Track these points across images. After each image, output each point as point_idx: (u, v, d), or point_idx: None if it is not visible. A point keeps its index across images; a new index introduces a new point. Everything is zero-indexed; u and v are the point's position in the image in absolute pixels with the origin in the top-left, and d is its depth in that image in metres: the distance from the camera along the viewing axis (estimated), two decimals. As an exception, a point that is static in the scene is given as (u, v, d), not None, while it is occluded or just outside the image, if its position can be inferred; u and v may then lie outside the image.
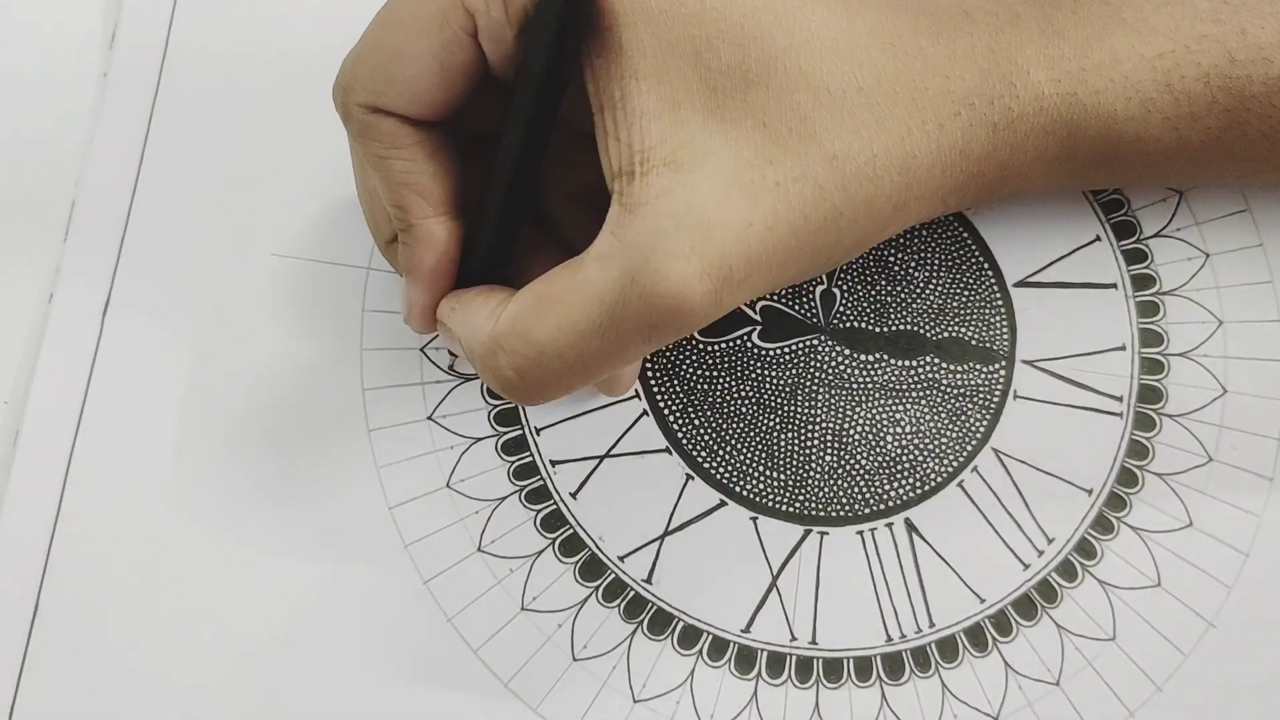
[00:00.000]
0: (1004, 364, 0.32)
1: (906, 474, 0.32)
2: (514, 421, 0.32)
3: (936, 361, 0.32)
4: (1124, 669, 0.30)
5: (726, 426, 0.32)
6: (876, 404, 0.32)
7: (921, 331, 0.32)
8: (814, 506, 0.31)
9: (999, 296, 0.33)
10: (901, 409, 0.32)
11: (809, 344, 0.32)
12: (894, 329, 0.32)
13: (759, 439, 0.32)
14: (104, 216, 0.33)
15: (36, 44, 0.35)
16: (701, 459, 0.32)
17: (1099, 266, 0.33)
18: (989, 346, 0.32)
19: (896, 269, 0.33)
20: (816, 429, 0.32)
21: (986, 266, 0.33)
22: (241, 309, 0.33)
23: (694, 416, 0.32)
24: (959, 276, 0.33)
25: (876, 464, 0.32)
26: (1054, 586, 0.31)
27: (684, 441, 0.32)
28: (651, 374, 0.32)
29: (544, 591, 0.31)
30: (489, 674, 0.30)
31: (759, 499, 0.31)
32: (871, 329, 0.32)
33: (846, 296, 0.33)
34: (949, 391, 0.32)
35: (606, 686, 0.30)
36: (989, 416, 0.32)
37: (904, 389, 0.32)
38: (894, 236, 0.33)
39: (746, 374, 0.32)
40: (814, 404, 0.32)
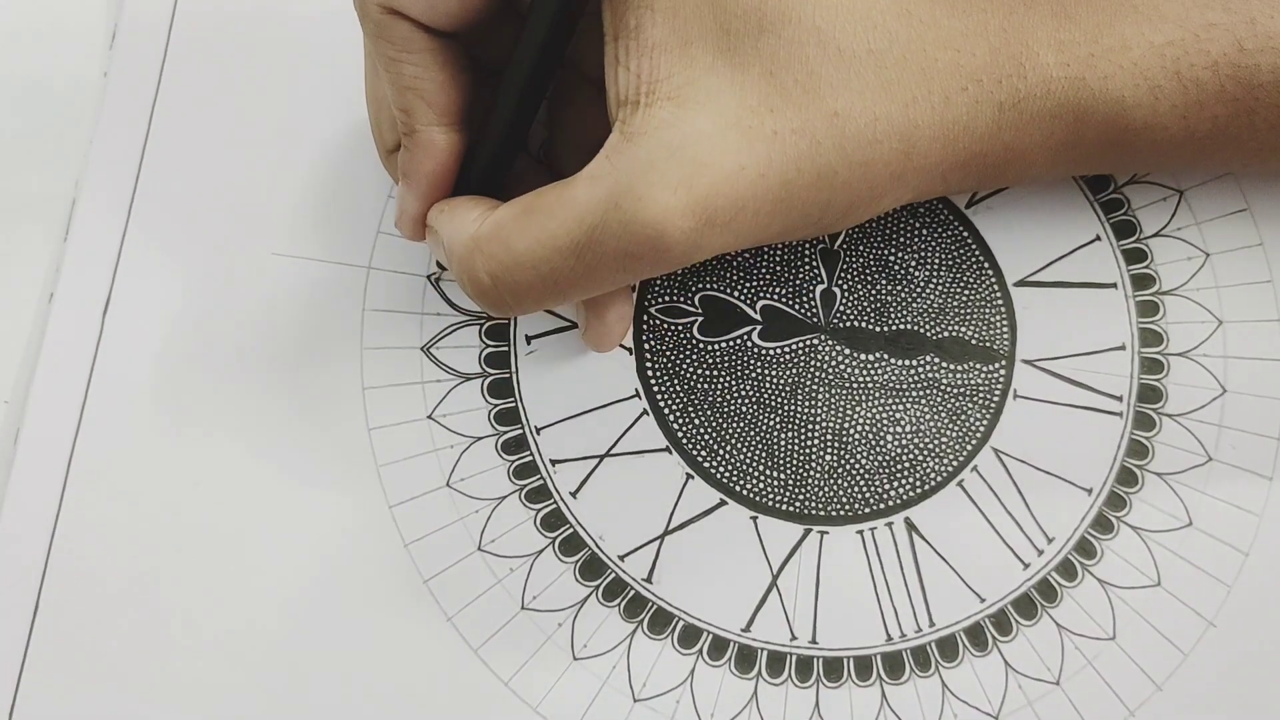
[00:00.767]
0: (1004, 363, 0.32)
1: (906, 473, 0.32)
2: (514, 421, 0.32)
3: (937, 361, 0.32)
4: (1124, 668, 0.30)
5: (727, 426, 0.32)
6: (877, 403, 0.32)
7: (922, 331, 0.32)
8: (814, 506, 0.31)
9: (999, 296, 0.33)
10: (902, 408, 0.32)
11: (809, 343, 0.32)
12: (894, 328, 0.32)
13: (759, 438, 0.32)
14: (104, 216, 0.33)
15: (38, 43, 0.35)
16: (701, 458, 0.32)
17: (1099, 266, 0.33)
18: (989, 346, 0.32)
19: (897, 268, 0.33)
20: (816, 428, 0.32)
21: (987, 266, 0.33)
22: (241, 308, 0.33)
23: (694, 416, 0.32)
24: (959, 276, 0.33)
25: (876, 463, 0.32)
26: (1054, 586, 0.31)
27: (684, 441, 0.32)
28: (652, 373, 0.32)
29: (544, 591, 0.31)
30: (489, 673, 0.30)
31: (759, 498, 0.31)
32: (872, 328, 0.32)
33: (847, 296, 0.33)
34: (949, 391, 0.32)
35: (607, 685, 0.30)
36: (989, 416, 0.32)
37: (904, 388, 0.32)
38: (894, 236, 0.33)
39: (747, 373, 0.32)
40: (814, 403, 0.32)
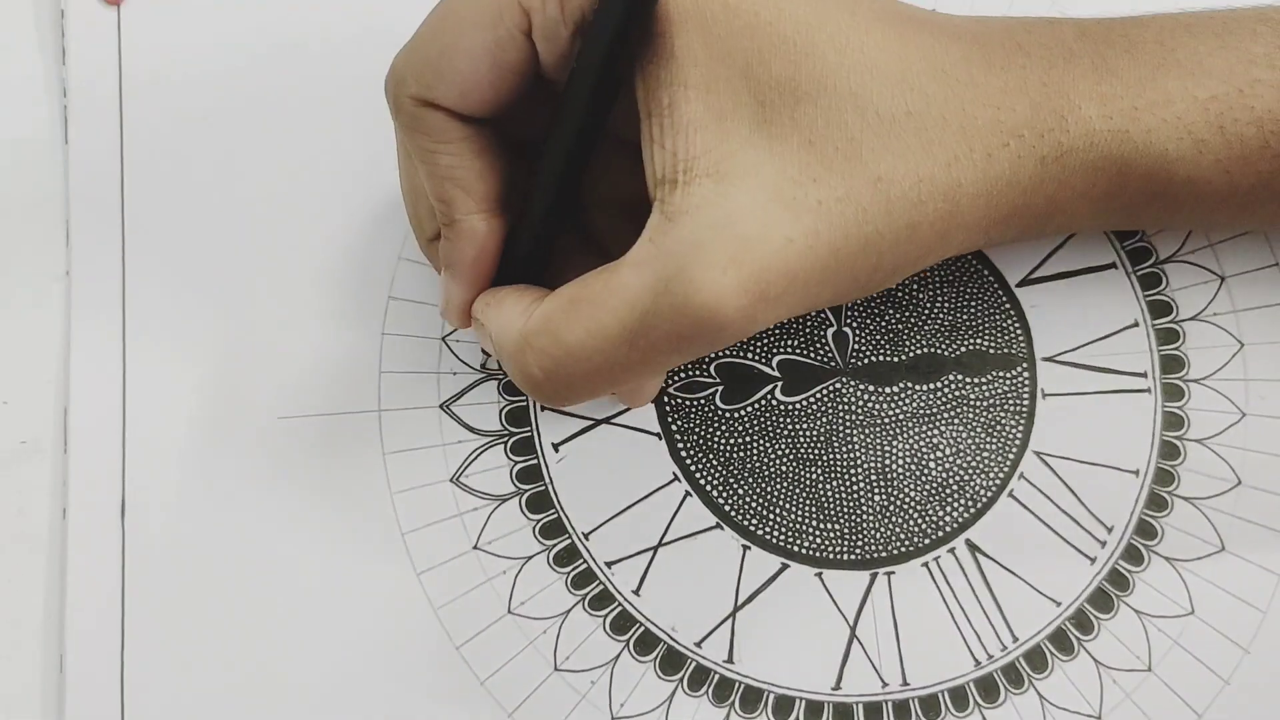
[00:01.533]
0: (1025, 365, 0.32)
1: (956, 496, 0.32)
2: (560, 532, 0.32)
3: (960, 378, 0.32)
4: (1210, 640, 0.30)
5: (771, 489, 0.32)
6: (912, 433, 0.32)
7: (939, 352, 0.32)
8: (874, 549, 0.31)
9: (1005, 300, 0.33)
10: (937, 432, 0.32)
11: (832, 389, 0.32)
12: (912, 355, 0.32)
13: (805, 494, 0.32)
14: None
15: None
16: (754, 527, 0.31)
17: (1095, 249, 0.33)
18: (1007, 352, 0.32)
19: (901, 296, 0.33)
20: (859, 471, 0.32)
21: (986, 272, 0.33)
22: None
23: (737, 486, 0.32)
24: (962, 289, 0.33)
25: (925, 493, 0.32)
26: (1123, 574, 0.31)
27: (733, 513, 0.32)
28: (686, 453, 0.32)
29: (631, 694, 0.31)
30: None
31: (819, 553, 0.31)
32: (890, 360, 0.32)
33: (859, 333, 0.32)
34: (979, 405, 0.32)
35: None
36: (1023, 421, 0.32)
37: (935, 412, 0.32)
38: (889, 261, 0.33)
39: (779, 432, 0.32)
40: (851, 447, 0.32)
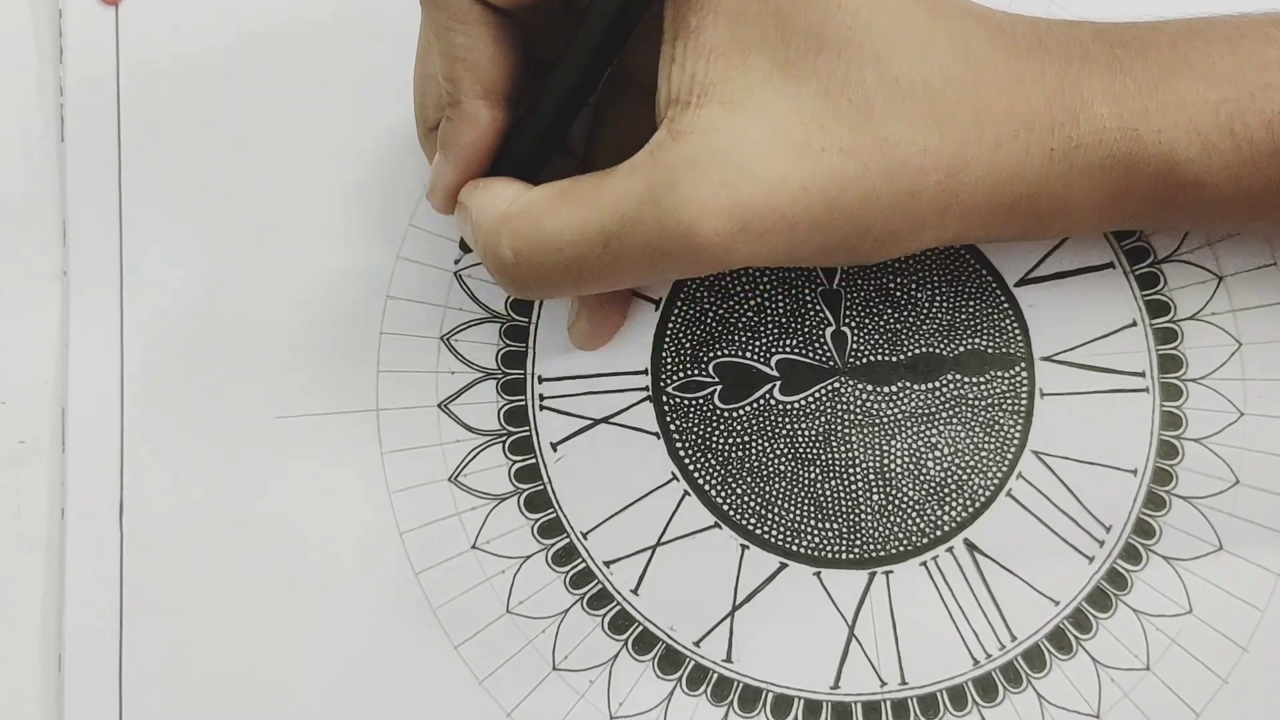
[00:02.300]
0: (1024, 365, 0.32)
1: (955, 495, 0.32)
2: (558, 531, 0.32)
3: (959, 377, 0.32)
4: (1208, 639, 0.30)
5: (770, 489, 0.32)
6: (911, 433, 0.32)
7: (938, 351, 0.32)
8: (872, 548, 0.31)
9: (1004, 299, 0.33)
10: (936, 432, 0.32)
11: (831, 388, 0.32)
12: (910, 355, 0.32)
13: (804, 494, 0.32)
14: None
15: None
16: (752, 526, 0.32)
17: (1093, 249, 0.33)
18: (1006, 351, 0.32)
19: (899, 295, 0.33)
20: (858, 471, 0.32)
21: (985, 272, 0.33)
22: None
23: (736, 486, 0.32)
24: (961, 288, 0.33)
25: (924, 492, 0.32)
26: (1121, 573, 0.31)
27: (731, 513, 0.32)
28: (684, 453, 0.32)
29: (630, 693, 0.31)
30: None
31: (818, 553, 0.31)
32: (889, 359, 0.32)
33: (857, 333, 0.32)
34: (978, 405, 0.32)
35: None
36: (1022, 420, 0.32)
37: (934, 412, 0.32)
38: (890, 262, 0.33)
39: (777, 432, 0.32)
40: (850, 446, 0.32)
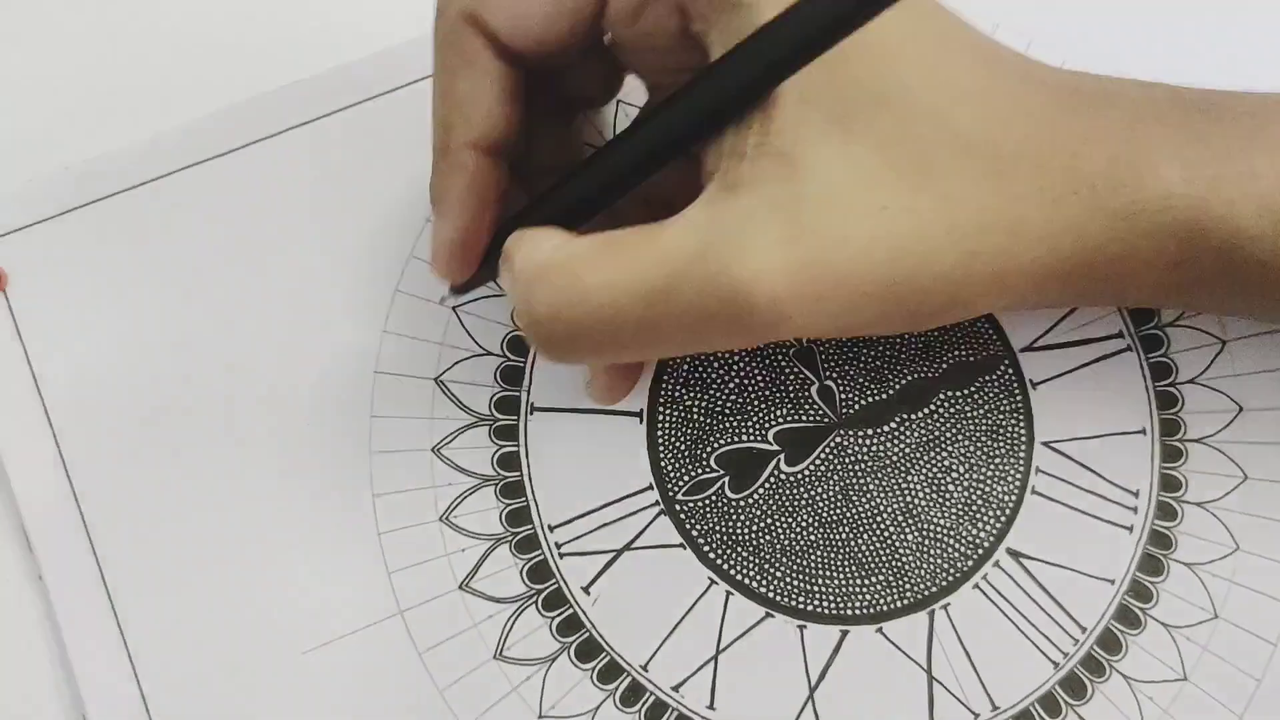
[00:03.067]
0: (1007, 362, 0.32)
1: (983, 509, 0.32)
2: (620, 672, 0.31)
3: (950, 394, 0.32)
4: (1263, 574, 0.31)
5: (807, 562, 0.31)
6: (923, 463, 0.32)
7: (923, 375, 0.32)
8: (923, 587, 0.31)
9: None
10: (946, 454, 0.32)
11: (834, 445, 0.32)
12: (898, 387, 0.32)
13: (841, 556, 0.31)
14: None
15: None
16: (803, 604, 0.31)
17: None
18: (986, 354, 0.32)
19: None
20: (885, 516, 0.31)
21: (942, 283, 0.33)
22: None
23: (774, 570, 0.31)
24: (925, 306, 0.32)
25: (954, 516, 0.31)
26: (1163, 533, 0.31)
27: (779, 598, 0.31)
28: (714, 554, 0.31)
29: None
30: None
31: (873, 609, 0.31)
32: (879, 399, 0.32)
33: (841, 383, 0.32)
34: (976, 415, 0.32)
35: None
36: (1022, 416, 0.32)
37: (938, 435, 0.32)
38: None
39: (797, 504, 0.32)
40: (870, 496, 0.32)
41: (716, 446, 0.32)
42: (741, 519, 0.32)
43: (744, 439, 0.32)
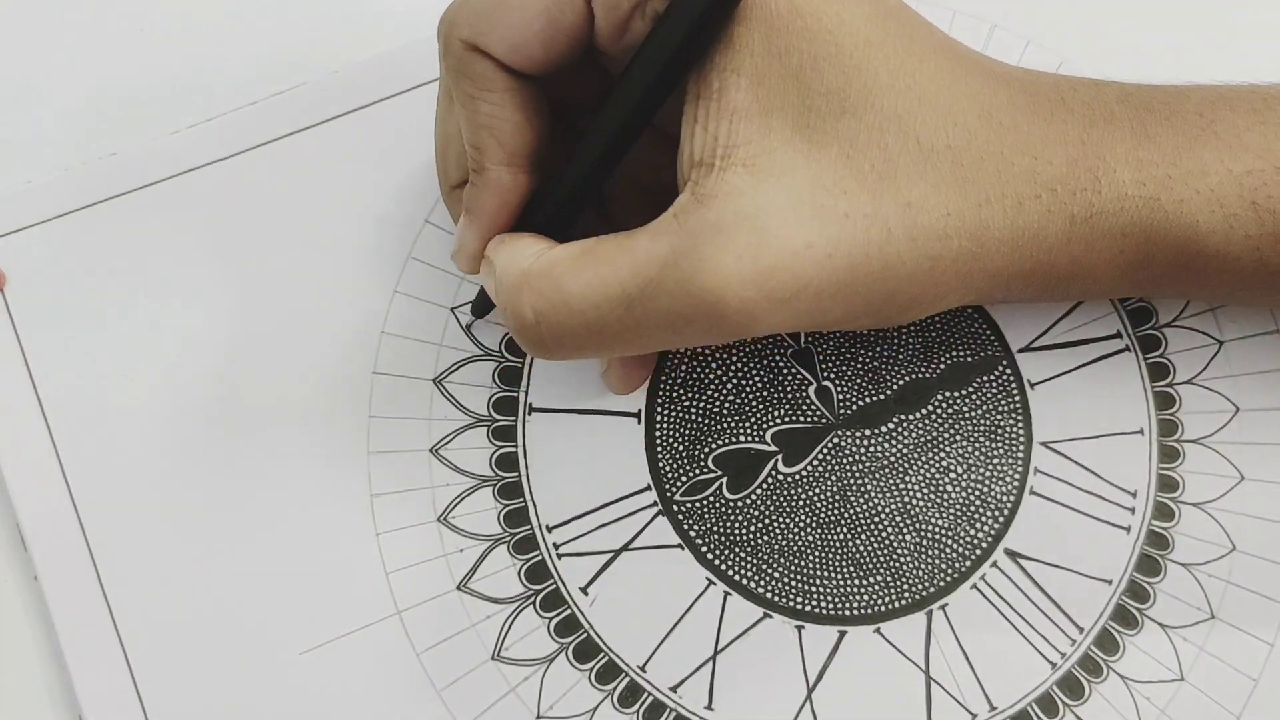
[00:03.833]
0: (1005, 363, 0.32)
1: (981, 510, 0.32)
2: (618, 673, 0.31)
3: (948, 394, 0.32)
4: (1259, 573, 0.31)
5: (804, 563, 0.31)
6: (921, 464, 0.32)
7: (921, 376, 0.32)
8: (920, 588, 0.31)
9: (967, 305, 0.33)
10: (944, 455, 0.32)
11: (831, 445, 0.32)
12: (896, 387, 0.32)
13: (839, 556, 0.31)
14: None
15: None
16: (800, 604, 0.31)
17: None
18: (984, 355, 0.32)
19: (868, 334, 0.32)
20: (883, 517, 0.32)
21: (940, 284, 0.33)
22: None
23: (772, 571, 0.31)
24: (923, 307, 0.33)
25: (952, 517, 0.31)
26: (1161, 533, 0.31)
27: (777, 599, 0.31)
28: (712, 554, 0.31)
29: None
30: None
31: (871, 609, 0.31)
32: (877, 399, 0.32)
33: (839, 383, 0.32)
34: (974, 415, 0.32)
35: None
36: (1021, 417, 0.32)
37: (936, 436, 0.32)
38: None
39: (794, 505, 0.32)
40: (867, 496, 0.32)
41: (714, 447, 0.32)
42: (739, 519, 0.32)
43: (742, 439, 0.32)
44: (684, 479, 0.32)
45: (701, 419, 0.32)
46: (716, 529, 0.32)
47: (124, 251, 0.33)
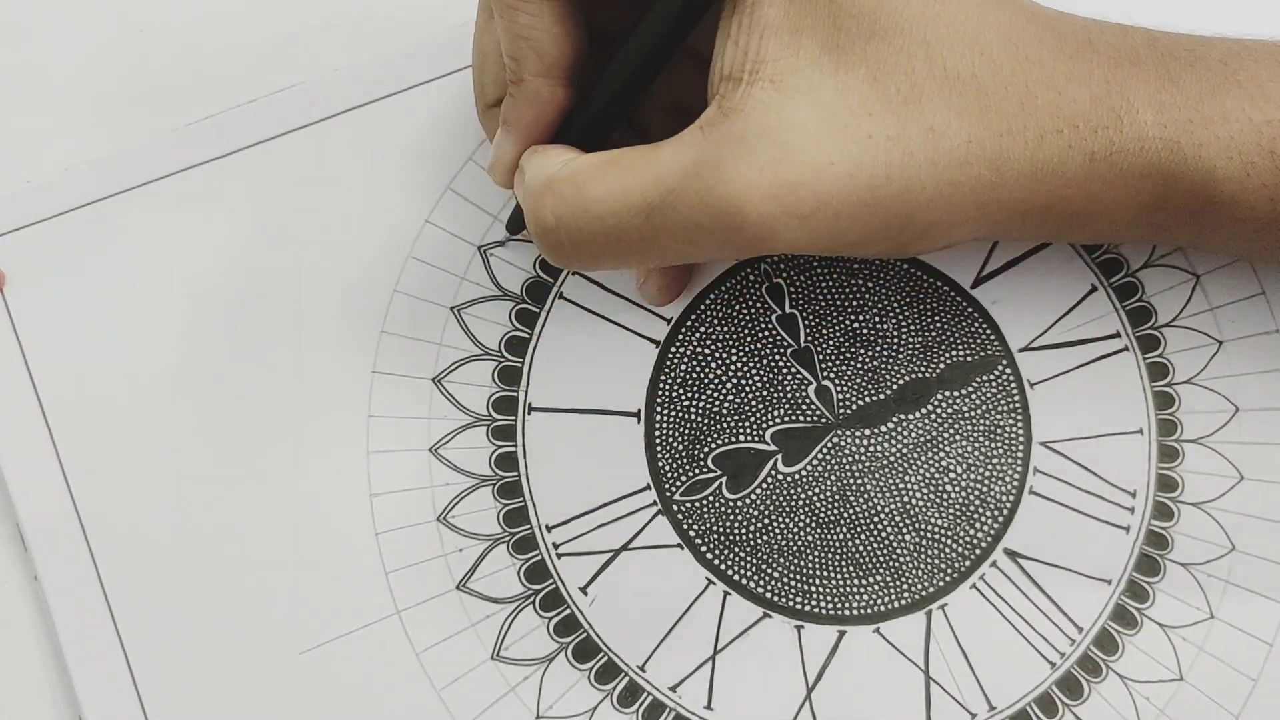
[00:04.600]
0: (1005, 362, 0.32)
1: (981, 510, 0.32)
2: (618, 672, 0.31)
3: (948, 394, 0.32)
4: (1257, 571, 0.31)
5: (804, 563, 0.31)
6: (920, 463, 0.32)
7: (920, 375, 0.32)
8: (920, 588, 0.31)
9: (965, 304, 0.33)
10: (944, 454, 0.32)
11: (831, 445, 0.32)
12: (896, 387, 0.32)
13: (838, 556, 0.31)
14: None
15: None
16: (800, 604, 0.31)
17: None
18: (984, 355, 0.32)
19: (866, 333, 0.32)
20: (883, 517, 0.32)
21: (940, 283, 0.33)
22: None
23: (771, 571, 0.31)
24: (922, 307, 0.33)
25: (951, 516, 0.32)
26: (1160, 533, 0.31)
27: (776, 599, 0.31)
28: (711, 554, 0.31)
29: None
30: None
31: (870, 609, 0.31)
32: (877, 399, 0.32)
33: (839, 383, 0.32)
34: (974, 415, 0.32)
35: None
36: (1020, 416, 0.32)
37: (935, 436, 0.32)
38: (849, 302, 0.32)
39: (794, 505, 0.32)
40: (867, 496, 0.32)
41: (714, 446, 0.32)
42: (739, 519, 0.32)
43: (741, 439, 0.32)
44: (683, 479, 0.32)
45: (701, 418, 0.32)
46: (716, 529, 0.32)
47: (124, 251, 0.33)
